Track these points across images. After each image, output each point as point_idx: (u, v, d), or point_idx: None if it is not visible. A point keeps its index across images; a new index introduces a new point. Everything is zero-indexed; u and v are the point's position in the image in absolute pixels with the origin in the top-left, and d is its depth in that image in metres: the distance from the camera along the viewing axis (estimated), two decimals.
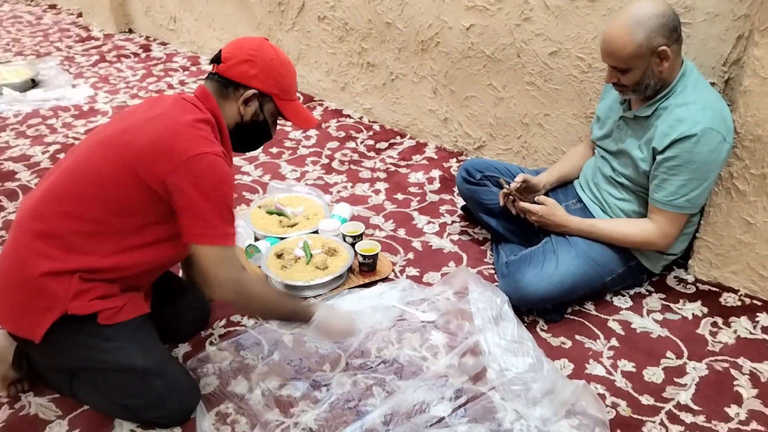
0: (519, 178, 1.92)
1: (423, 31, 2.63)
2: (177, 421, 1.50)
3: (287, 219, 2.17)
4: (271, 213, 2.19)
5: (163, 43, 4.24)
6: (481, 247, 2.16)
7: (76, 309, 1.35)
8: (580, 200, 1.97)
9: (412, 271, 2.05)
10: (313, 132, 3.00)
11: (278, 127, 3.05)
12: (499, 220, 2.06)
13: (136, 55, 4.06)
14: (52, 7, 5.23)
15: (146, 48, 4.17)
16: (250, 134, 1.53)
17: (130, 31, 4.50)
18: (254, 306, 1.48)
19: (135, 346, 1.42)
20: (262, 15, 3.35)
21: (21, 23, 4.82)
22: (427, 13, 2.58)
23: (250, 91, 1.45)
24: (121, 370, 1.41)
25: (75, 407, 1.56)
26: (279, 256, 1.99)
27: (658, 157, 1.68)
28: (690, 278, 1.98)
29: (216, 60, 1.47)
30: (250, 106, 1.48)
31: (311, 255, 1.98)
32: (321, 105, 3.27)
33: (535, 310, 1.83)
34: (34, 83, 3.52)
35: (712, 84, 1.85)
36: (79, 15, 4.87)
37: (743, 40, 1.75)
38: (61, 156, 2.78)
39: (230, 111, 1.48)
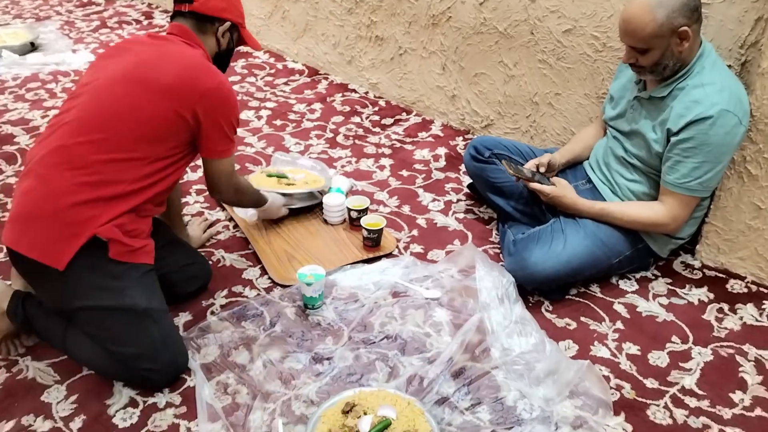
0: (544, 159, 1.91)
1: (435, 5, 2.58)
2: (165, 378, 1.51)
3: (286, 179, 2.13)
4: (271, 176, 2.14)
5: (166, 11, 4.16)
6: (487, 226, 2.14)
7: (102, 231, 1.43)
8: (589, 180, 1.95)
9: (417, 248, 2.03)
10: (317, 105, 2.95)
11: (282, 99, 3.02)
12: (507, 199, 2.02)
13: (137, 21, 3.99)
14: None
15: (148, 15, 4.10)
16: (224, 63, 1.72)
17: None
18: (242, 202, 1.88)
19: (140, 289, 1.48)
20: None
21: None
22: None
23: (227, 23, 1.64)
24: (121, 309, 1.45)
25: (73, 372, 1.55)
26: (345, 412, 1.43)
27: (673, 139, 1.65)
28: (697, 263, 1.97)
29: (187, 0, 1.59)
30: (225, 37, 1.66)
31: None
32: (326, 79, 3.22)
33: (539, 290, 1.81)
34: (33, 47, 3.46)
35: (729, 66, 1.81)
36: None
37: (762, 22, 1.71)
38: None
39: (210, 43, 1.65)
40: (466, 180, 2.34)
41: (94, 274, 1.45)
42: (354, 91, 3.11)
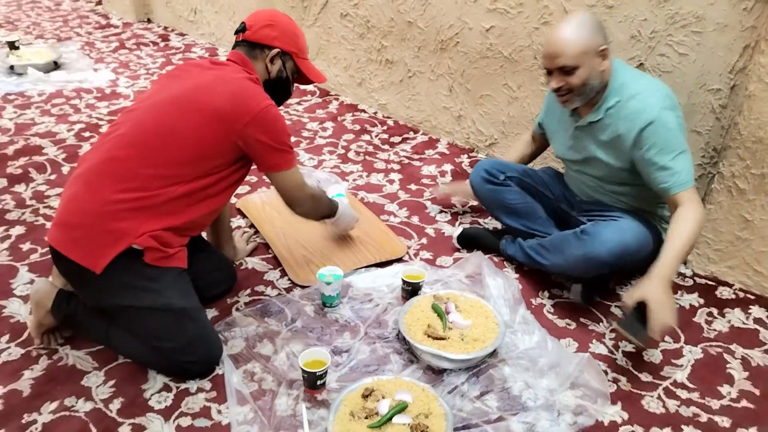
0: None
1: (443, 30, 2.75)
2: (203, 368, 1.62)
3: None
4: None
5: (181, 34, 4.35)
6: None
7: (138, 241, 1.53)
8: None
9: (426, 255, 2.16)
10: (329, 124, 3.11)
11: (296, 118, 3.18)
12: (520, 218, 2.07)
13: (154, 44, 4.16)
14: None
15: (165, 38, 4.28)
16: (276, 90, 1.77)
17: (149, 20, 4.61)
18: (320, 209, 1.92)
19: (175, 289, 1.59)
20: (285, 10, 3.47)
21: (40, 8, 4.92)
22: (448, 13, 2.70)
23: (275, 50, 1.72)
24: (160, 309, 1.56)
25: (110, 360, 1.66)
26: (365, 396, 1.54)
27: (636, 153, 1.74)
28: (688, 272, 2.10)
29: (241, 30, 1.73)
30: (275, 64, 1.74)
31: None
32: (337, 99, 3.39)
33: (587, 281, 1.88)
34: (56, 65, 3.63)
35: (718, 90, 1.97)
36: (98, 3, 4.99)
37: (749, 49, 1.88)
38: (87, 134, 2.88)
39: (260, 70, 1.74)
40: None
41: (131, 277, 1.55)
42: (364, 111, 3.27)
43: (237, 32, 1.74)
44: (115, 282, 1.54)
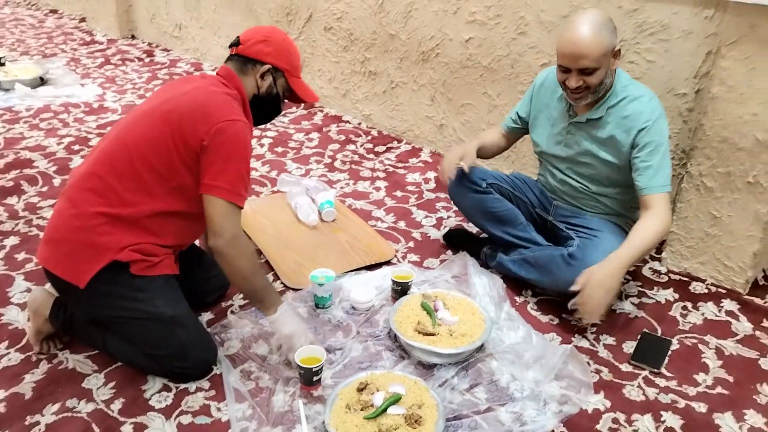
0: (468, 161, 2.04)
1: (425, 42, 2.86)
2: (198, 373, 1.66)
3: None
4: None
5: (166, 50, 4.41)
6: None
7: (121, 256, 1.54)
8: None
9: (413, 257, 2.23)
10: (314, 135, 3.19)
11: (282, 129, 3.24)
12: (504, 226, 2.08)
13: (140, 59, 4.22)
14: (54, 11, 5.38)
15: (150, 53, 4.34)
16: (265, 106, 1.75)
17: (133, 37, 4.67)
18: (239, 263, 1.56)
19: (164, 298, 1.61)
20: (269, 24, 3.55)
21: (24, 25, 4.95)
22: (429, 25, 2.80)
23: (266, 66, 1.69)
24: (151, 319, 1.58)
25: (110, 363, 1.70)
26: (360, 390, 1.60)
27: (634, 151, 1.83)
28: (663, 269, 2.20)
29: (235, 44, 1.72)
30: (265, 79, 1.70)
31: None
32: (321, 111, 3.47)
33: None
34: (43, 81, 3.66)
35: (685, 94, 2.09)
36: (82, 20, 5.03)
37: (712, 55, 2.00)
38: (76, 148, 2.93)
39: (249, 85, 1.70)
40: None
41: (118, 289, 1.57)
42: (348, 122, 3.36)
43: (231, 46, 1.74)
44: (103, 295, 1.57)
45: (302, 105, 3.34)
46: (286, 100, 1.80)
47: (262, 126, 3.22)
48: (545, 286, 2.00)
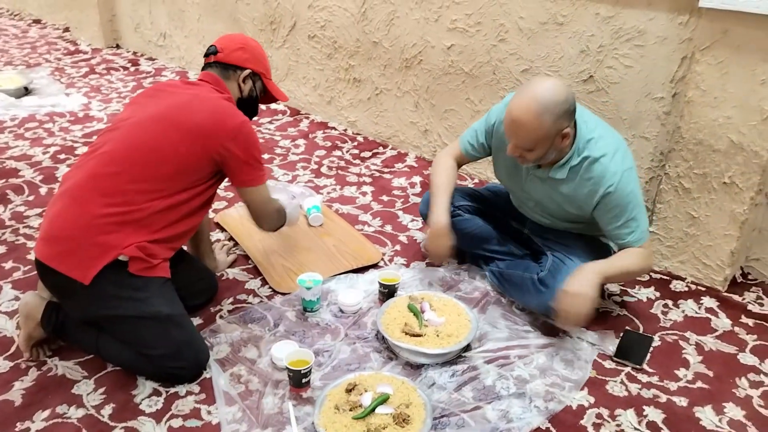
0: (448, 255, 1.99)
1: (407, 49, 2.90)
2: (191, 374, 1.68)
3: None
4: None
5: (151, 59, 4.41)
6: None
7: (125, 252, 1.60)
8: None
9: (400, 260, 2.26)
10: (301, 141, 3.21)
11: (268, 136, 3.26)
12: (480, 243, 2.12)
13: (125, 68, 4.22)
14: (37, 21, 5.36)
15: (134, 62, 4.34)
16: (246, 108, 1.88)
17: (118, 46, 4.67)
18: (282, 222, 1.95)
19: (161, 298, 1.66)
20: (254, 33, 3.58)
21: (7, 35, 4.94)
22: (412, 33, 2.85)
23: (247, 71, 1.84)
24: (147, 317, 1.62)
25: (99, 369, 1.71)
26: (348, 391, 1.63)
27: (597, 212, 1.80)
28: None
29: (213, 52, 1.84)
30: (247, 84, 1.86)
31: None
32: (307, 118, 3.50)
33: None
34: (27, 91, 3.66)
35: (662, 98, 2.15)
36: (66, 30, 5.02)
37: (687, 59, 2.06)
38: (62, 156, 2.93)
39: (233, 89, 1.85)
40: None
41: (117, 288, 1.61)
42: (334, 128, 3.39)
43: (207, 54, 1.85)
44: (103, 293, 1.60)
45: (283, 105, 3.44)
46: (261, 102, 1.97)
47: None
48: (521, 304, 2.01)
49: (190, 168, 1.68)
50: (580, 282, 1.72)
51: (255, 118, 3.29)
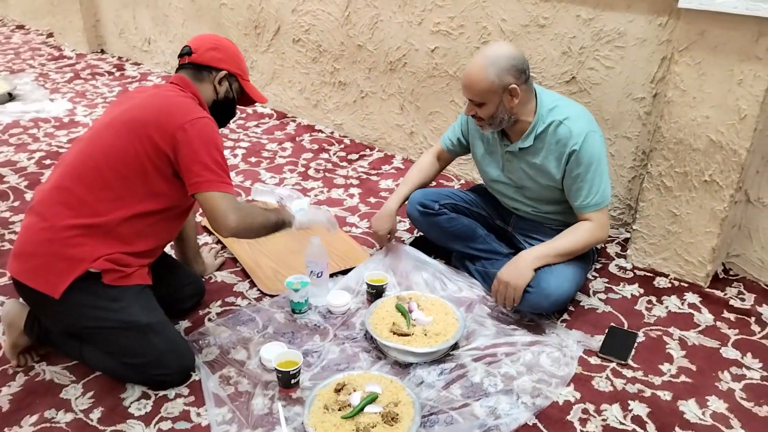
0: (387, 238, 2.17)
1: (392, 52, 2.92)
2: (177, 380, 1.68)
3: None
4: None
5: (136, 63, 4.40)
6: None
7: (95, 266, 1.56)
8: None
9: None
10: (288, 144, 3.22)
11: (255, 139, 3.26)
12: (464, 242, 2.14)
13: (110, 73, 4.21)
14: (20, 27, 5.33)
15: (119, 68, 4.33)
16: (223, 110, 1.82)
17: (102, 51, 4.65)
18: (254, 229, 1.68)
19: (138, 306, 1.63)
20: (238, 37, 3.59)
21: None
22: (396, 36, 2.87)
23: (222, 72, 1.76)
24: (126, 327, 1.60)
25: (88, 373, 1.71)
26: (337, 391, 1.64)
27: (566, 174, 1.88)
28: (629, 266, 2.28)
29: (186, 53, 1.75)
30: (222, 85, 1.78)
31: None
32: (294, 121, 3.51)
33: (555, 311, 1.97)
34: (11, 97, 3.64)
35: (643, 98, 2.18)
36: (49, 35, 4.99)
37: (666, 60, 2.09)
38: (48, 162, 2.92)
39: (207, 91, 1.76)
40: None
41: (91, 299, 1.58)
42: (321, 131, 3.40)
43: (181, 55, 1.77)
44: (77, 305, 1.58)
45: (269, 108, 3.41)
46: (238, 104, 1.88)
47: (235, 137, 3.28)
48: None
49: (146, 168, 1.60)
50: (514, 269, 1.87)
51: (241, 122, 3.31)
